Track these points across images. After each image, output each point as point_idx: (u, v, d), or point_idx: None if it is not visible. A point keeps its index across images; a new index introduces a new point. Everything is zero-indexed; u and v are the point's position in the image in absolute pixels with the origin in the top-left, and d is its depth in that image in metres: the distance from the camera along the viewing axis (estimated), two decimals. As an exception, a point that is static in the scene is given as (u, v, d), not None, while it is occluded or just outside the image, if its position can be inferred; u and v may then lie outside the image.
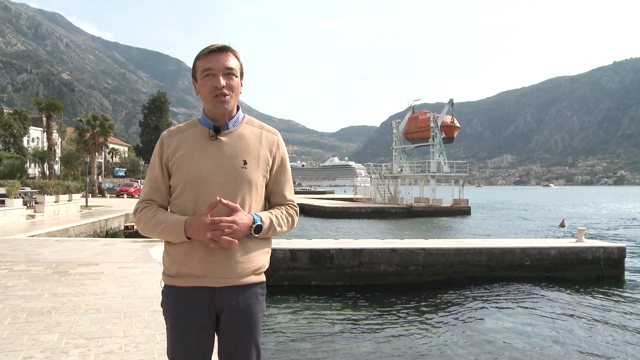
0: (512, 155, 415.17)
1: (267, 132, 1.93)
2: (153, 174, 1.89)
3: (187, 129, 1.90)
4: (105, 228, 17.81)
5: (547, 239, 15.96)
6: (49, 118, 36.00)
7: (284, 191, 1.95)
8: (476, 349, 7.02)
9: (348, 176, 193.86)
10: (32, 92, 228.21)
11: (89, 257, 8.73)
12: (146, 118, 63.78)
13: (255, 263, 1.86)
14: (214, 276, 1.79)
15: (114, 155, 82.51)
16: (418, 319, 8.55)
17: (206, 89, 1.82)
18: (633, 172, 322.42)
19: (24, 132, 47.97)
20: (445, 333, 7.80)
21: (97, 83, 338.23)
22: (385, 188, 39.90)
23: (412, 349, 6.98)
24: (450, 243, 12.43)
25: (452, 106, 40.73)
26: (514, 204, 61.49)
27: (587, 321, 8.57)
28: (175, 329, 1.83)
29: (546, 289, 10.83)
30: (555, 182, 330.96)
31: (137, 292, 5.83)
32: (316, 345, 7.04)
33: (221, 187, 1.80)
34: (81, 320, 4.54)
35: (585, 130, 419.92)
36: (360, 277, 10.82)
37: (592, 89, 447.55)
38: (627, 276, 12.29)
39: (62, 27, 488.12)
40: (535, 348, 7.13)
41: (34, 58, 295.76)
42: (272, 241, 2.01)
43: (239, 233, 1.76)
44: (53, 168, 35.66)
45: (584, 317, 8.84)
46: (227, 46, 1.84)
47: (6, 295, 5.53)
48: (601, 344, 7.37)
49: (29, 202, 18.97)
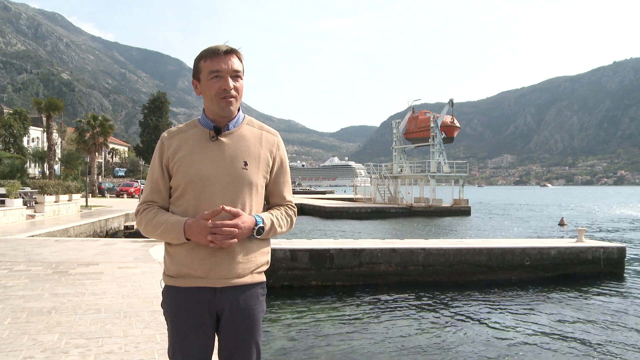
0: (512, 155, 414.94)
1: (267, 133, 1.94)
2: (154, 175, 1.89)
3: (187, 130, 1.89)
4: (105, 228, 17.81)
5: (547, 239, 15.96)
6: (49, 118, 35.97)
7: (284, 192, 1.96)
8: (476, 349, 7.03)
9: (348, 176, 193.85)
10: (32, 92, 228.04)
11: (89, 257, 8.73)
12: (146, 118, 63.80)
13: (255, 263, 1.86)
14: (215, 276, 1.80)
15: (114, 155, 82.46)
16: (418, 319, 8.55)
17: (213, 91, 1.81)
18: (633, 172, 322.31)
19: (24, 132, 47.91)
20: (445, 333, 7.80)
21: (97, 83, 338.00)
22: (385, 188, 39.90)
23: (412, 349, 6.98)
24: (450, 243, 12.43)
25: (452, 106, 40.72)
26: (502, 204, 61.45)
27: (587, 321, 8.58)
28: (176, 329, 1.84)
29: (546, 289, 10.84)
30: (555, 182, 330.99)
31: (137, 292, 5.83)
32: (316, 345, 7.04)
33: (222, 188, 1.80)
34: (81, 320, 4.54)
35: (585, 130, 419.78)
36: (360, 277, 10.82)
37: (592, 89, 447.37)
38: (627, 276, 12.30)
39: (62, 27, 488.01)
40: (536, 348, 7.13)
41: (34, 58, 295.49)
42: (272, 241, 2.02)
43: (241, 236, 1.76)
44: (53, 168, 35.65)
45: (584, 317, 8.84)
46: (234, 49, 1.84)
47: (6, 295, 5.53)
48: (601, 343, 7.37)
49: (29, 202, 18.97)
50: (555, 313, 9.04)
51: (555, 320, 8.59)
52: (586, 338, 7.64)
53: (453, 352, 6.92)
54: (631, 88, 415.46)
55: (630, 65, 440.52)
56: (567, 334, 7.86)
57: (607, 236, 22.86)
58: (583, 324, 8.40)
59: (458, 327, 8.12)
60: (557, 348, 7.16)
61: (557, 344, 7.32)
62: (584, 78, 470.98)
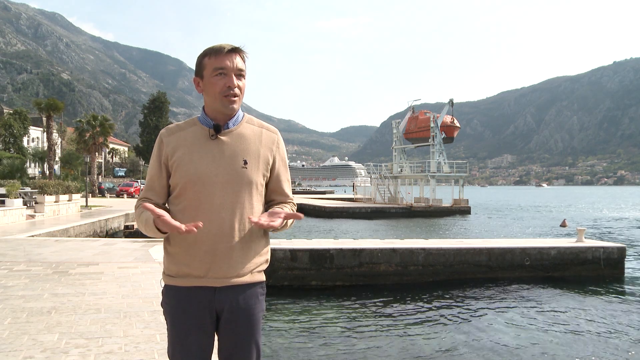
0: (512, 155, 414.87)
1: (267, 131, 1.93)
2: (150, 173, 1.90)
3: (187, 128, 1.88)
4: (105, 228, 17.81)
5: (547, 239, 15.95)
6: (49, 118, 35.98)
7: (286, 189, 1.97)
8: (476, 349, 7.02)
9: (348, 176, 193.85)
10: (32, 92, 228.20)
11: (89, 257, 8.73)
12: (146, 118, 63.82)
13: (254, 262, 1.86)
14: (214, 276, 1.80)
15: (114, 155, 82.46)
16: (418, 319, 8.55)
17: (217, 88, 1.80)
18: (633, 172, 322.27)
19: (24, 132, 47.91)
20: (446, 333, 7.80)
21: (97, 83, 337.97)
22: (385, 188, 39.89)
23: (412, 349, 6.98)
24: (450, 243, 12.42)
25: (452, 106, 40.71)
26: (493, 205, 61.45)
27: (586, 321, 8.57)
28: (176, 329, 1.83)
29: (546, 289, 10.83)
30: (555, 182, 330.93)
31: (137, 292, 5.83)
32: (316, 345, 7.04)
33: (221, 187, 1.80)
34: (81, 320, 4.54)
35: (585, 130, 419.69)
36: (360, 277, 10.82)
37: (592, 89, 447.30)
38: (627, 276, 12.29)
39: (62, 27, 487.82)
40: (536, 348, 7.12)
41: (34, 58, 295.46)
42: (272, 241, 2.03)
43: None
44: (53, 168, 35.65)
45: (584, 317, 8.83)
46: (239, 48, 1.84)
47: (6, 295, 5.53)
48: (601, 343, 7.36)
49: (29, 202, 18.97)
50: (555, 313, 9.04)
51: (555, 320, 8.58)
52: (586, 338, 7.63)
53: (453, 352, 6.91)
54: (631, 88, 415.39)
55: (630, 65, 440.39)
56: (567, 334, 7.85)
57: (607, 236, 22.86)
58: (583, 324, 8.39)
59: (458, 327, 8.12)
60: (557, 348, 7.15)
61: (557, 344, 7.32)
62: (584, 78, 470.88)
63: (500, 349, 7.08)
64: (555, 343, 7.37)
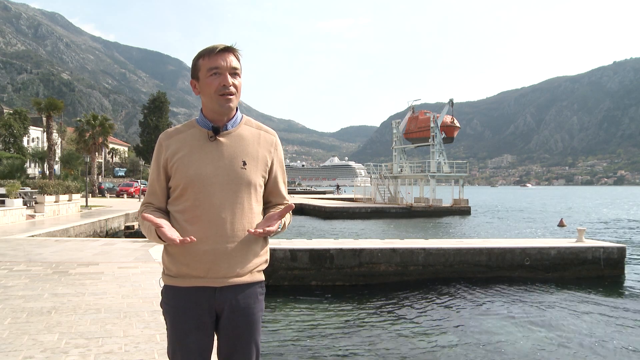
0: (512, 155, 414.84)
1: (265, 132, 1.94)
2: (151, 177, 1.91)
3: (185, 130, 1.89)
4: (105, 228, 17.81)
5: (547, 239, 15.95)
6: (49, 118, 35.95)
7: (282, 191, 1.98)
8: (476, 349, 7.03)
9: (348, 176, 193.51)
10: (32, 92, 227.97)
11: (89, 257, 8.73)
12: (146, 118, 63.75)
13: (254, 262, 1.87)
14: (214, 276, 1.80)
15: (114, 155, 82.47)
16: (418, 319, 8.55)
17: (212, 87, 1.81)
18: (633, 172, 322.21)
19: (24, 132, 47.92)
20: (446, 333, 7.80)
21: (97, 83, 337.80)
22: (385, 188, 39.88)
23: (413, 349, 6.98)
24: (450, 243, 12.43)
25: (452, 106, 40.71)
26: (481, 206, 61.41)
27: (586, 321, 8.57)
28: (175, 329, 1.84)
29: (546, 289, 10.83)
30: (555, 182, 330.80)
31: (137, 292, 5.83)
32: (316, 345, 7.04)
33: (221, 188, 1.81)
34: (81, 320, 4.54)
35: (585, 130, 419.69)
36: (360, 277, 10.82)
37: (592, 89, 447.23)
38: (627, 276, 12.29)
39: (62, 27, 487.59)
40: (535, 348, 7.13)
41: (34, 58, 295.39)
42: (272, 241, 2.04)
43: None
44: (53, 168, 35.62)
45: (584, 317, 8.83)
46: (232, 47, 1.85)
47: (6, 295, 5.54)
48: (601, 344, 7.37)
49: (29, 202, 18.96)
50: (555, 313, 9.04)
51: (555, 320, 8.58)
52: (586, 338, 7.64)
53: (453, 351, 6.92)
54: (631, 88, 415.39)
55: (630, 65, 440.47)
56: (567, 333, 7.85)
57: (607, 236, 22.86)
58: (583, 324, 8.40)
59: (458, 327, 8.12)
60: (557, 348, 7.16)
61: (557, 344, 7.32)
62: (584, 78, 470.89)
63: (500, 349, 7.08)
64: (555, 343, 7.38)
